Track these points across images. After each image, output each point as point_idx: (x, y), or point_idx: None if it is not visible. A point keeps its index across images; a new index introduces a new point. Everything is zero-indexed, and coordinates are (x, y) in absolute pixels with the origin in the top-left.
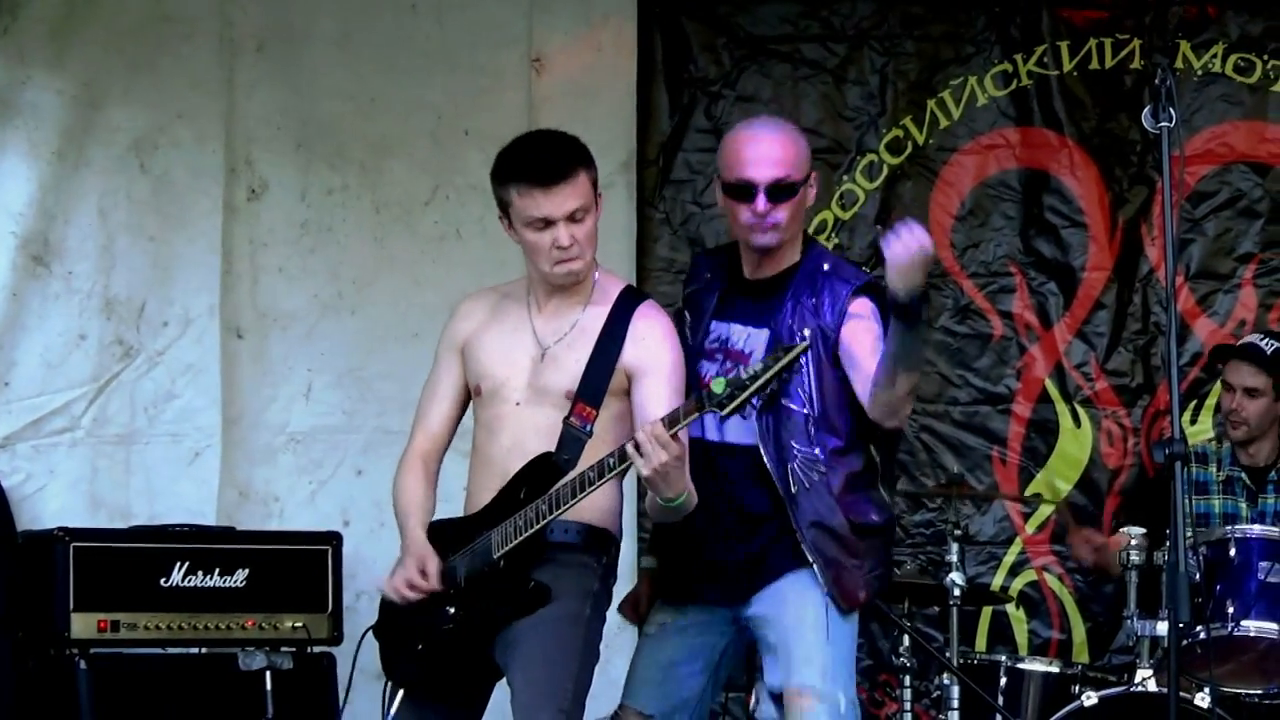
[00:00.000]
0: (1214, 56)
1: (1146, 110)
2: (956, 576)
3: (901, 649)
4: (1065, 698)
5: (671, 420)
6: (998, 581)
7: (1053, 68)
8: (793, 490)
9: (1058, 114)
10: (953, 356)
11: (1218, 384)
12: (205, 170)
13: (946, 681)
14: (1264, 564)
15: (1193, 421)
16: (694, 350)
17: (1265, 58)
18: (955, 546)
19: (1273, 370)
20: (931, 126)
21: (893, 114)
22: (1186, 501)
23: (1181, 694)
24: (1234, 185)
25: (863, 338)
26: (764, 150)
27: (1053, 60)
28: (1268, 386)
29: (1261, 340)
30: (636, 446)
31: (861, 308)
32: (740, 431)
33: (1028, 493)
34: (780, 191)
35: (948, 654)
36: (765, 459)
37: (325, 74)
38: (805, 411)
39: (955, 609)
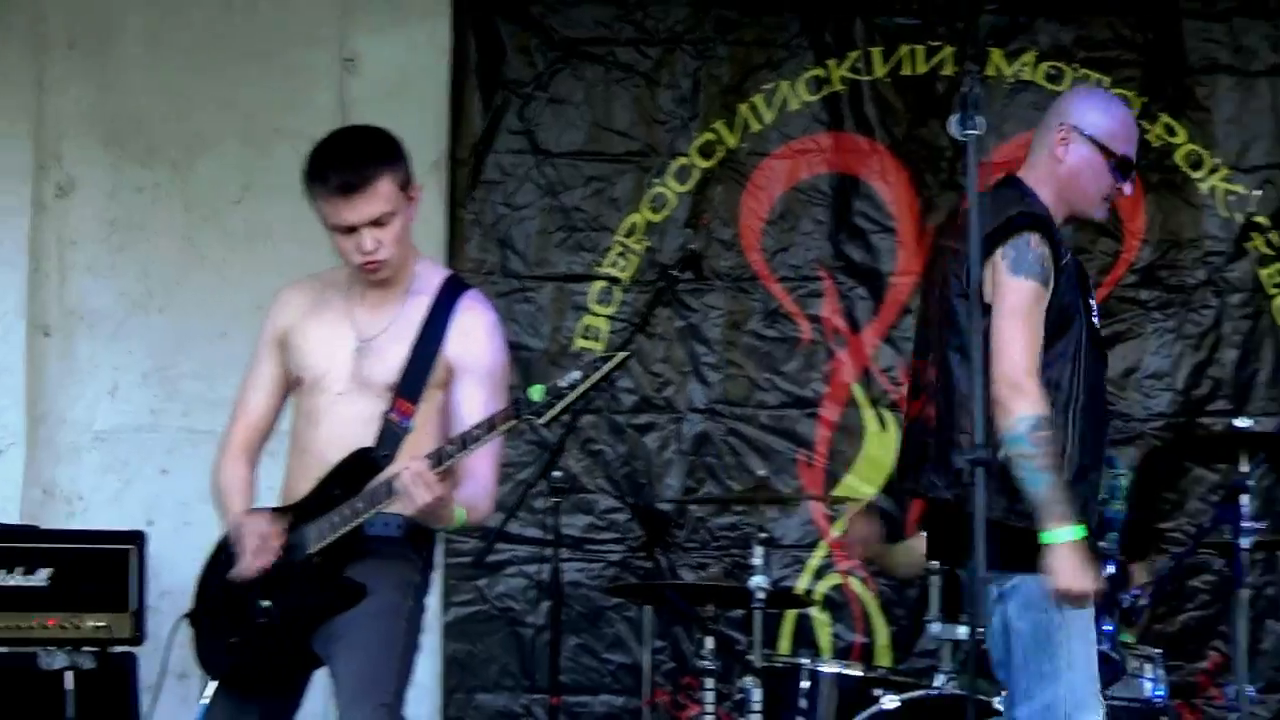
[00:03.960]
0: (1025, 64)
1: (953, 118)
2: (760, 579)
3: (704, 651)
4: (866, 700)
5: (437, 459)
6: (802, 585)
7: (865, 73)
8: None
9: (869, 119)
10: (761, 360)
11: None
12: (13, 168)
13: (749, 684)
14: None
15: None
16: None
17: (1075, 66)
18: (760, 550)
19: None
20: (743, 130)
21: (705, 117)
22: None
23: (980, 696)
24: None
25: None
26: None
27: (865, 66)
28: None
29: None
30: (401, 483)
31: None
32: None
33: (833, 496)
34: None
35: (750, 656)
36: None
37: (136, 71)
38: None
39: (759, 612)
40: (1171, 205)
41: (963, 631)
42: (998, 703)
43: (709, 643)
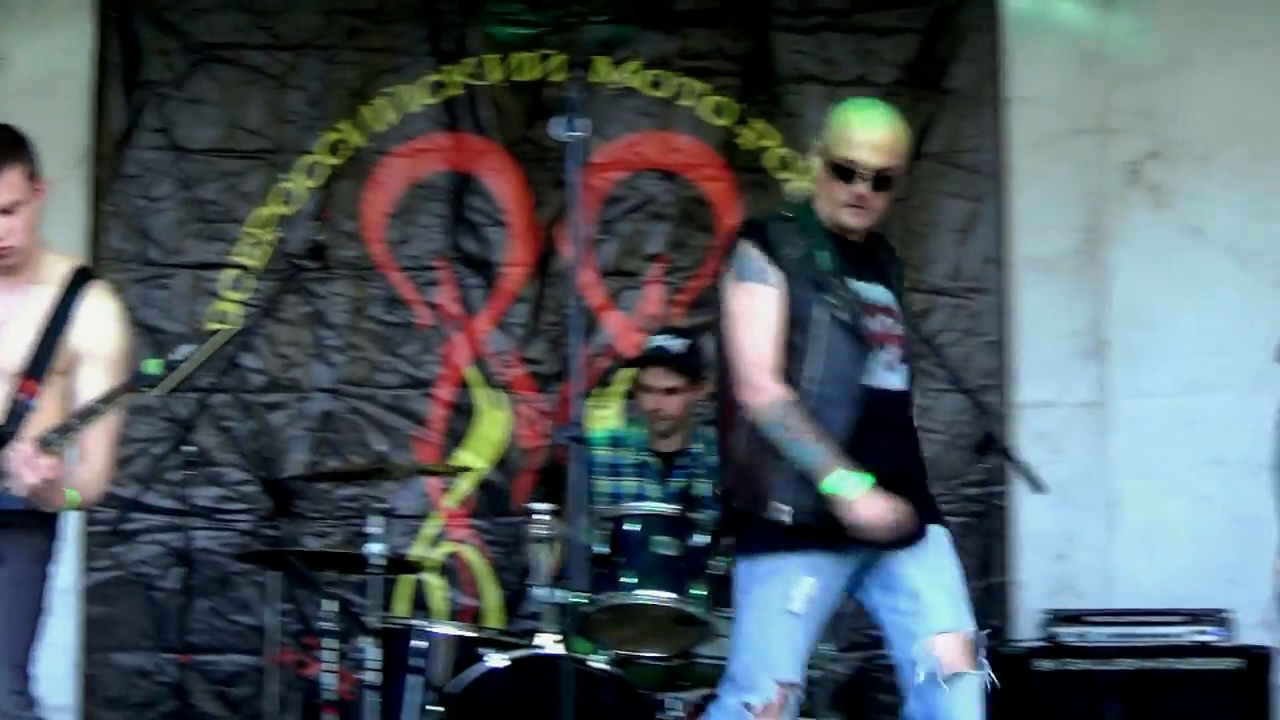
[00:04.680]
0: (630, 72)
1: (556, 121)
2: (378, 547)
3: (326, 613)
4: (476, 659)
5: (45, 440)
6: (418, 552)
7: (481, 79)
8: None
9: (485, 121)
10: (382, 344)
11: (624, 374)
12: None
13: (367, 644)
14: (660, 538)
15: (601, 409)
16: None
17: (676, 74)
18: (378, 519)
19: (686, 368)
20: (368, 130)
21: (332, 118)
22: (600, 481)
23: (581, 656)
24: (644, 191)
25: None
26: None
27: (481, 72)
28: (684, 382)
29: (670, 340)
30: (8, 464)
31: None
32: (885, 379)
33: (447, 468)
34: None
35: (368, 618)
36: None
37: None
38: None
39: (376, 577)
40: (763, 203)
41: (564, 596)
42: (594, 661)
43: (330, 605)
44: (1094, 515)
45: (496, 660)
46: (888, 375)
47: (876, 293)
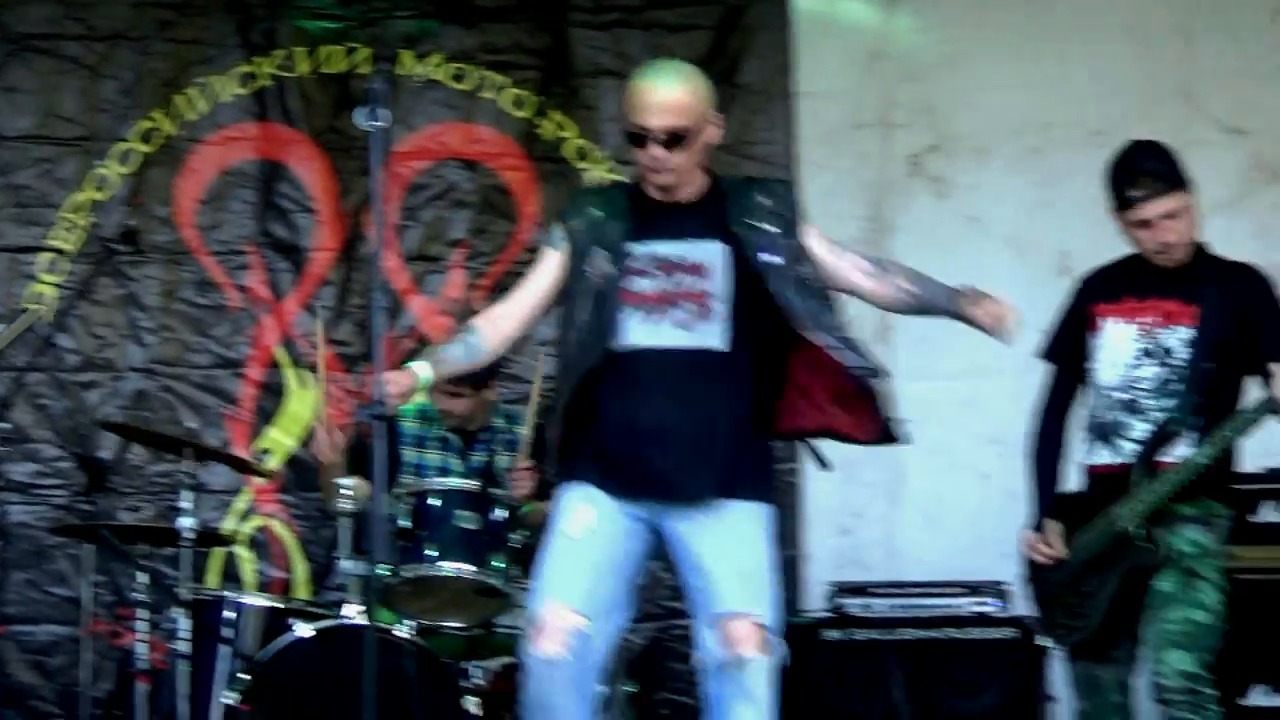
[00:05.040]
0: (433, 65)
1: (359, 111)
2: (188, 521)
3: (138, 585)
4: (284, 629)
5: None
6: (229, 526)
7: (290, 70)
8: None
9: (293, 111)
10: (193, 325)
11: None
12: None
13: (178, 614)
14: (462, 512)
15: None
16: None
17: (477, 68)
18: (189, 495)
19: (470, 378)
20: (179, 119)
21: (145, 107)
22: (407, 451)
23: (385, 625)
24: (447, 179)
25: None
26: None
27: (290, 64)
28: (468, 390)
29: None
30: None
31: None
32: (663, 336)
33: (257, 447)
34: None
35: (179, 590)
36: (722, 357)
37: None
38: (815, 297)
39: (187, 550)
40: (561, 192)
41: (367, 567)
42: (398, 630)
43: (143, 578)
44: (879, 492)
45: (303, 630)
46: (676, 333)
47: (684, 250)
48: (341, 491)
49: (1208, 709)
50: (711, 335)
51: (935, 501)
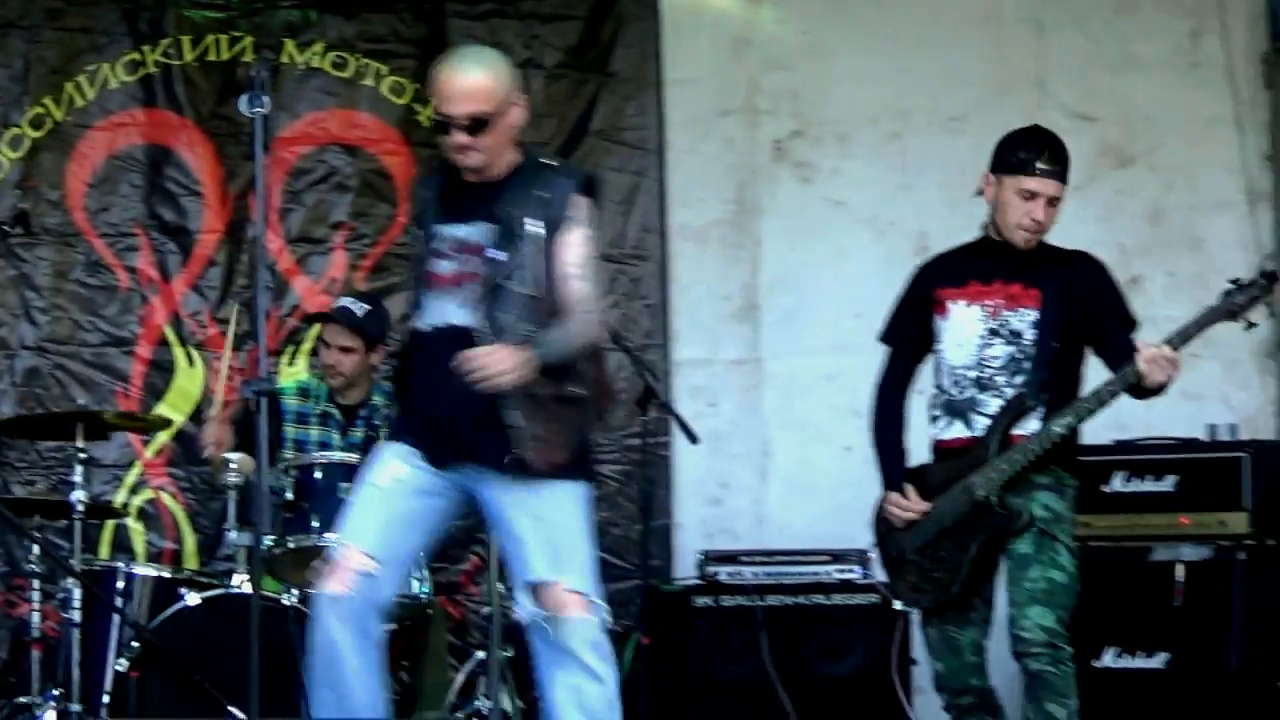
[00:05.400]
0: (314, 54)
1: (243, 98)
2: (80, 494)
3: (32, 557)
4: (174, 598)
5: None
6: (120, 499)
7: (176, 58)
8: None
9: (179, 98)
10: (84, 305)
11: (312, 330)
12: None
13: (70, 584)
14: (345, 485)
15: (290, 363)
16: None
17: (357, 56)
18: (80, 469)
19: (363, 331)
20: (69, 105)
21: (35, 94)
22: (289, 428)
23: (271, 594)
24: (329, 163)
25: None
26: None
27: (176, 52)
28: (359, 344)
29: (354, 304)
30: None
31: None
32: (453, 315)
33: (147, 420)
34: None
35: (72, 561)
36: (480, 338)
37: None
38: (528, 293)
39: (79, 522)
40: None
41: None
42: (284, 598)
43: (35, 549)
44: (747, 463)
45: (192, 599)
46: (464, 312)
47: (472, 231)
48: (228, 466)
49: (1065, 664)
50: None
51: (800, 473)
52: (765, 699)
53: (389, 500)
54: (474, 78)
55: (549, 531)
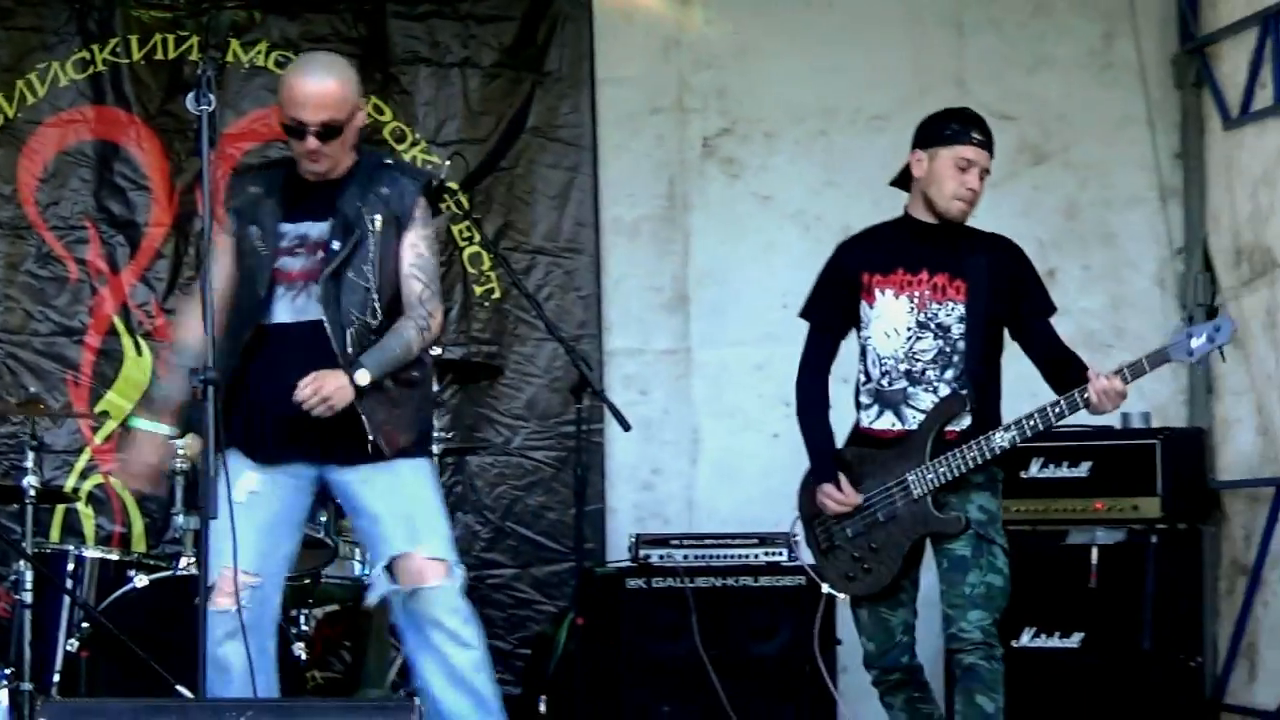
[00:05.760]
0: (259, 53)
1: (189, 95)
2: (32, 479)
3: None
4: (123, 580)
5: None
6: (70, 484)
7: (124, 57)
8: (350, 353)
9: (127, 96)
10: (35, 295)
11: None
12: None
13: (22, 567)
14: None
15: None
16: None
17: (300, 55)
18: (31, 455)
19: None
20: (20, 102)
21: None
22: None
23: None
24: (269, 159)
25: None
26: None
27: (124, 51)
28: None
29: None
30: None
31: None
32: (305, 311)
33: (97, 410)
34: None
35: (24, 544)
36: (327, 326)
37: None
38: (368, 285)
39: (31, 506)
40: None
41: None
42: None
43: None
44: (678, 450)
45: (140, 581)
46: (314, 307)
47: (315, 228)
48: (175, 451)
49: (997, 660)
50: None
51: (729, 459)
52: (696, 678)
53: (252, 514)
54: (327, 86)
55: (404, 506)
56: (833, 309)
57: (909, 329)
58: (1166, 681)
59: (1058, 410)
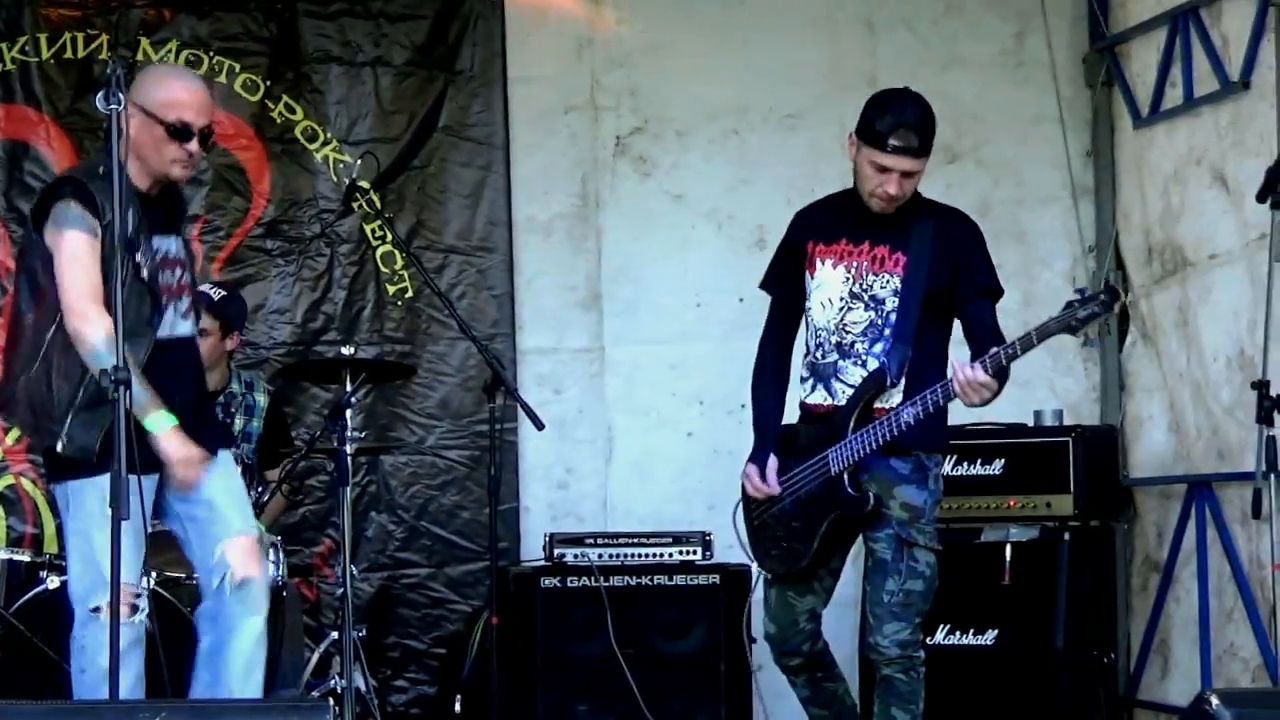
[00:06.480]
0: (169, 51)
1: (99, 94)
2: None
3: None
4: (35, 581)
5: None
6: None
7: (33, 55)
8: None
9: (37, 94)
10: None
11: None
12: None
13: None
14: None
15: None
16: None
17: (211, 54)
18: None
19: (219, 314)
20: None
21: None
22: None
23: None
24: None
25: None
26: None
27: (33, 49)
28: (216, 328)
29: (210, 289)
30: None
31: None
32: (183, 326)
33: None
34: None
35: None
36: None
37: None
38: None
39: None
40: (292, 171)
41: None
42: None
43: None
44: (592, 448)
45: (52, 582)
46: (181, 324)
47: (169, 245)
48: None
49: (915, 672)
50: (194, 323)
51: (644, 458)
52: (612, 676)
53: (135, 531)
54: (206, 92)
55: (232, 489)
56: (784, 280)
57: (841, 299)
58: (1080, 678)
59: (934, 397)
